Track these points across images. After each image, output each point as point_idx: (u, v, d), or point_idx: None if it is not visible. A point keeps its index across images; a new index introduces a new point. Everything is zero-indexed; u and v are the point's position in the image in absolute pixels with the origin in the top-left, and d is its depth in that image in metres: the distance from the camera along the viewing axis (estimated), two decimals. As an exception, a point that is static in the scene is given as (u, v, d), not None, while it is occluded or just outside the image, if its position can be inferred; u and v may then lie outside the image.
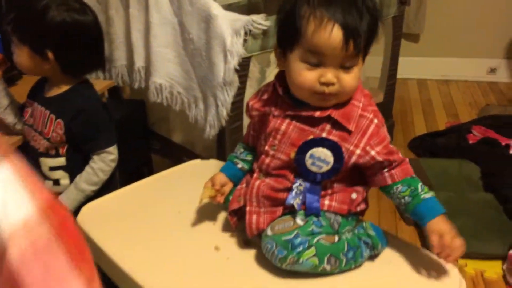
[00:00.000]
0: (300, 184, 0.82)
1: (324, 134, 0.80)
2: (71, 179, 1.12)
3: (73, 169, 1.12)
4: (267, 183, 0.85)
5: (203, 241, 0.90)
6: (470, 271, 1.49)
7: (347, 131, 0.79)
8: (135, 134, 1.86)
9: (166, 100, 1.57)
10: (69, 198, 1.10)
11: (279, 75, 0.85)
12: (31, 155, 1.12)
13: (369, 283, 0.82)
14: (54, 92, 1.09)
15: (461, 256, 0.80)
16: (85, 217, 0.98)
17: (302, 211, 0.81)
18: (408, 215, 0.84)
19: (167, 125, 1.81)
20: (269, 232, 0.80)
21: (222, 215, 0.97)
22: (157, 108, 1.74)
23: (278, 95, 0.84)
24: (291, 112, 0.82)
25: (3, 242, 0.36)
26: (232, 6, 2.13)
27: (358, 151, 0.79)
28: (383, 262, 0.86)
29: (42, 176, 1.14)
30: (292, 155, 0.81)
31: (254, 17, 1.36)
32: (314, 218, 0.81)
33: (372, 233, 0.84)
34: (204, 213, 0.98)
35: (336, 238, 0.80)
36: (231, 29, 1.34)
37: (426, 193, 0.81)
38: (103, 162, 1.10)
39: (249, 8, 2.23)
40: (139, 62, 1.60)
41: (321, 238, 0.79)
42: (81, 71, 1.10)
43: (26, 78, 1.27)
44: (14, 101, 1.15)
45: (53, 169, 1.12)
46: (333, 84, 0.76)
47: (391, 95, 2.18)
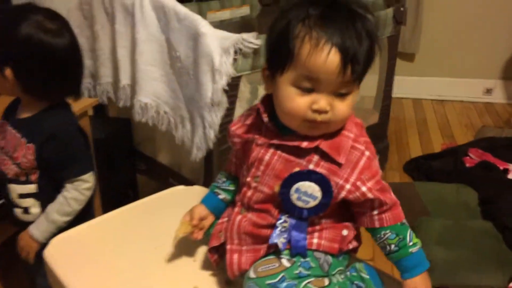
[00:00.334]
0: (285, 221, 0.75)
1: (312, 166, 0.73)
2: (43, 208, 1.04)
3: (45, 197, 1.04)
4: (249, 219, 0.77)
5: (181, 281, 0.83)
6: (469, 305, 1.42)
7: (337, 164, 0.73)
8: (120, 154, 1.78)
9: (152, 120, 1.50)
10: (39, 229, 1.02)
11: (265, 99, 0.78)
12: (0, 181, 1.04)
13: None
14: (26, 114, 1.02)
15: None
16: (53, 251, 0.90)
17: (287, 251, 0.74)
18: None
19: (153, 146, 1.74)
20: (252, 274, 0.73)
21: (203, 251, 0.90)
22: (143, 128, 1.67)
23: (263, 121, 0.77)
24: (276, 141, 0.75)
25: None
26: (224, 23, 2.09)
27: (348, 186, 0.73)
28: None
29: (11, 204, 1.06)
30: (276, 189, 0.74)
31: (245, 35, 1.30)
32: (302, 259, 0.74)
33: (366, 276, 0.76)
34: (184, 248, 0.90)
35: (326, 282, 0.73)
36: (220, 48, 1.28)
37: (414, 246, 0.75)
38: (77, 191, 1.02)
39: (242, 25, 2.18)
40: (125, 80, 1.54)
41: (310, 282, 0.71)
42: (47, 96, 1.01)
43: (4, 98, 1.19)
44: None
45: (23, 197, 1.04)
46: (326, 112, 0.69)
47: (386, 116, 2.12)
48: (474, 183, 1.87)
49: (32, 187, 1.03)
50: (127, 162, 1.82)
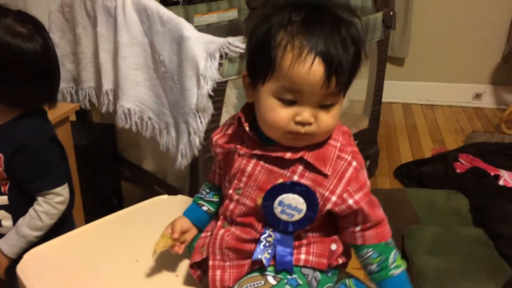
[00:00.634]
0: (270, 235, 0.71)
1: (296, 177, 0.69)
2: (15, 221, 0.98)
3: (17, 210, 0.98)
4: (232, 233, 0.73)
5: (162, 298, 0.78)
6: (461, 315, 1.39)
7: (323, 174, 0.69)
8: (104, 161, 1.73)
9: (136, 126, 1.45)
10: (8, 244, 0.97)
11: (246, 108, 0.74)
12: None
13: None
14: None
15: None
16: (27, 266, 0.85)
17: (272, 267, 0.70)
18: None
19: (138, 152, 1.69)
20: (236, 293, 0.69)
21: (187, 265, 0.85)
22: (127, 134, 1.62)
23: (245, 131, 0.73)
24: (259, 152, 0.71)
25: None
26: (212, 27, 2.05)
27: (334, 198, 0.69)
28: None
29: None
30: (259, 201, 0.70)
31: (231, 39, 1.26)
32: (288, 276, 0.70)
33: (356, 293, 0.73)
34: (166, 263, 0.86)
35: (315, 300, 0.69)
36: (205, 52, 1.24)
37: (397, 268, 0.71)
38: (49, 205, 0.97)
39: (230, 29, 2.14)
40: (107, 85, 1.49)
41: (297, 301, 0.67)
42: (19, 103, 0.96)
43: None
44: None
45: None
46: (310, 124, 0.66)
47: (376, 121, 2.09)
48: (465, 189, 1.85)
49: (3, 199, 0.97)
50: (111, 169, 1.76)
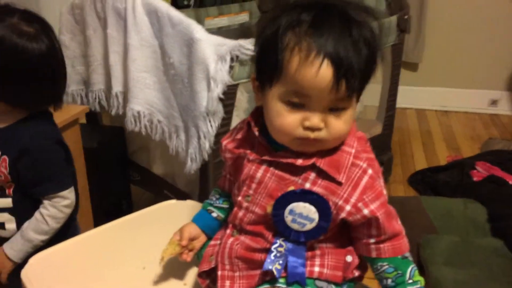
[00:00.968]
0: (281, 245, 0.67)
1: (308, 185, 0.65)
2: (19, 224, 0.96)
3: (21, 213, 0.96)
4: (242, 242, 0.70)
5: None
6: (479, 329, 1.34)
7: (336, 182, 0.65)
8: (114, 164, 1.71)
9: (145, 129, 1.43)
10: (13, 248, 0.94)
11: (256, 112, 0.71)
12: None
13: None
14: (1, 124, 0.94)
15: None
16: (31, 271, 0.82)
17: (284, 279, 0.66)
18: None
19: (148, 156, 1.67)
20: (246, 306, 0.65)
21: (195, 273, 0.82)
22: (137, 137, 1.60)
23: (254, 136, 0.69)
24: (269, 157, 0.67)
25: None
26: (222, 30, 2.03)
27: (348, 207, 0.65)
28: None
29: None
30: (269, 209, 0.67)
31: (242, 42, 1.23)
32: (301, 289, 0.66)
33: (373, 307, 0.69)
34: (174, 270, 0.83)
35: (329, 314, 0.65)
36: (216, 55, 1.21)
37: (413, 284, 0.67)
38: (55, 208, 0.95)
39: (241, 33, 2.12)
40: (117, 87, 1.47)
41: (310, 315, 0.64)
42: (24, 104, 0.94)
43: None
44: None
45: None
46: (320, 130, 0.62)
47: (390, 127, 2.05)
48: (483, 198, 1.79)
49: (7, 201, 0.95)
50: (121, 172, 1.74)
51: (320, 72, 0.58)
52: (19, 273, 0.83)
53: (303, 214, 0.65)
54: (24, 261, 0.88)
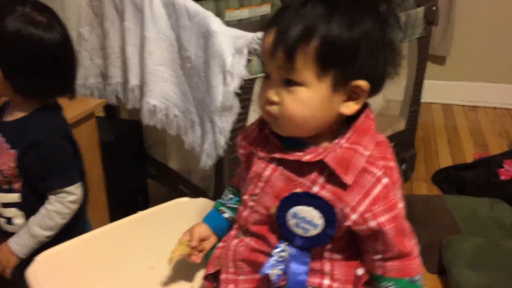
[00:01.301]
0: (284, 250, 0.64)
1: (316, 188, 0.61)
2: (27, 219, 0.96)
3: (29, 208, 0.95)
4: (246, 244, 0.67)
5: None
6: (503, 336, 1.28)
7: (343, 186, 0.60)
8: (130, 157, 1.70)
9: (161, 123, 1.41)
10: (19, 243, 0.94)
11: None
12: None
13: None
14: (12, 117, 0.94)
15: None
16: (37, 270, 0.81)
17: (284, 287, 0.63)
18: None
19: (164, 150, 1.65)
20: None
21: (203, 275, 0.80)
22: (154, 131, 1.58)
23: (269, 133, 0.67)
24: (277, 155, 0.64)
25: None
26: (243, 23, 1.99)
27: (355, 217, 0.60)
28: None
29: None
30: (273, 210, 0.64)
31: (260, 34, 1.19)
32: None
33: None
34: (182, 271, 0.81)
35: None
36: (233, 48, 1.18)
37: None
38: (61, 204, 0.93)
39: (262, 25, 2.07)
40: (134, 80, 1.45)
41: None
42: (40, 95, 0.93)
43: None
44: None
45: (6, 206, 0.96)
46: (273, 103, 0.61)
47: (414, 123, 1.98)
48: (510, 199, 1.72)
49: (15, 196, 0.95)
50: (137, 166, 1.74)
51: (267, 37, 0.61)
52: (23, 270, 0.83)
53: (307, 219, 0.61)
54: (29, 257, 0.87)
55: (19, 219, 0.96)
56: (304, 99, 0.59)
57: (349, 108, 0.61)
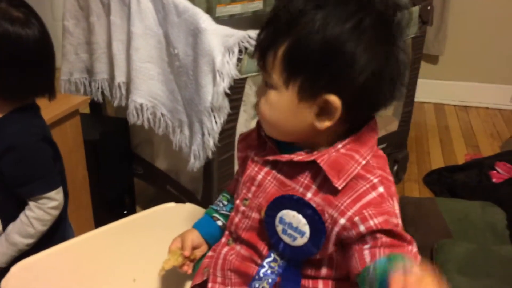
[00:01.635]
0: (275, 260, 0.60)
1: (310, 194, 0.58)
2: (5, 226, 0.91)
3: (7, 214, 0.90)
4: (237, 252, 0.64)
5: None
6: None
7: (335, 191, 0.56)
8: (116, 156, 1.65)
9: (148, 122, 1.36)
10: None
11: None
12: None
13: None
14: None
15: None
16: (13, 281, 0.76)
17: None
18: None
19: (151, 149, 1.61)
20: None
21: (189, 285, 0.76)
22: (141, 129, 1.53)
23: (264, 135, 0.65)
24: (271, 157, 0.62)
25: None
26: (234, 18, 1.94)
27: (343, 221, 0.56)
28: None
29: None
30: (263, 214, 0.61)
31: (251, 33, 1.15)
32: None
33: None
34: (167, 283, 0.77)
35: None
36: (223, 46, 1.13)
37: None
38: (41, 210, 0.89)
39: (254, 21, 2.03)
40: (120, 77, 1.40)
41: None
42: (17, 96, 0.88)
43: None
44: None
45: None
46: (258, 103, 0.62)
47: (407, 124, 1.95)
48: (502, 202, 1.69)
49: None
50: (124, 166, 1.68)
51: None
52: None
53: (293, 225, 0.58)
54: (8, 266, 0.83)
55: None
56: (273, 103, 0.59)
57: (322, 124, 0.57)
